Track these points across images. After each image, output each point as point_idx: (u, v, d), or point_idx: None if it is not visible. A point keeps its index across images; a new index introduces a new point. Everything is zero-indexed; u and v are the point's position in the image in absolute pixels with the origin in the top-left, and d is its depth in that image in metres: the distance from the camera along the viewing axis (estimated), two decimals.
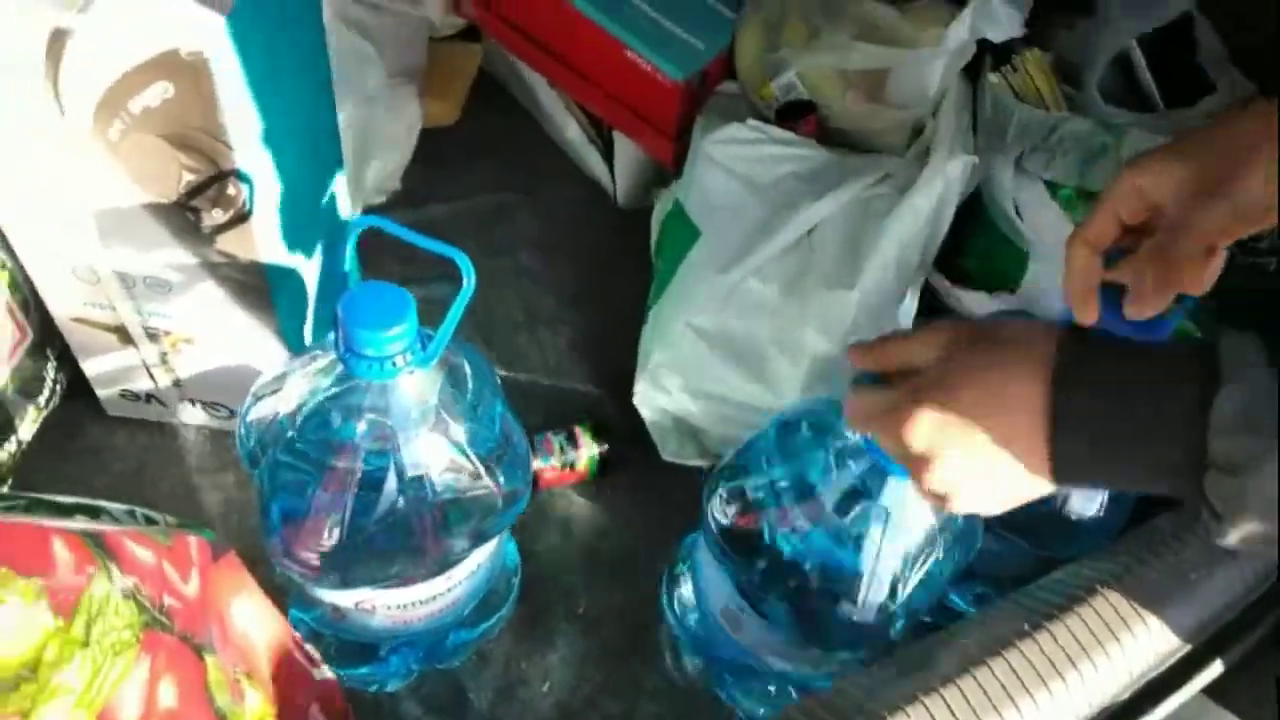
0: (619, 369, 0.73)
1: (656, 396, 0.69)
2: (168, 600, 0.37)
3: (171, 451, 0.70)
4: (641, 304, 0.74)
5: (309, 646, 0.50)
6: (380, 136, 0.78)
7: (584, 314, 0.80)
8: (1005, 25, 0.61)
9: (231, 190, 0.50)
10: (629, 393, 0.70)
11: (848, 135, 0.72)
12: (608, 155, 0.86)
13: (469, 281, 0.44)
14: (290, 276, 0.58)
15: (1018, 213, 0.66)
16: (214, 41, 0.43)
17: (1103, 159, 0.60)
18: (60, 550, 0.30)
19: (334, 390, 0.47)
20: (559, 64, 0.82)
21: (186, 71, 0.44)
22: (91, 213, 0.51)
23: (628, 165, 0.85)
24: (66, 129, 0.47)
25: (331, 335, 0.46)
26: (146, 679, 0.34)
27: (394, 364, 0.44)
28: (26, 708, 0.27)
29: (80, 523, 0.35)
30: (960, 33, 0.61)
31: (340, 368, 0.46)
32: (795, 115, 0.72)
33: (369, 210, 0.84)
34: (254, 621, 0.45)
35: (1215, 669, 0.43)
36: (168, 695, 0.36)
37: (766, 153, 0.68)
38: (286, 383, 0.50)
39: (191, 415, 0.69)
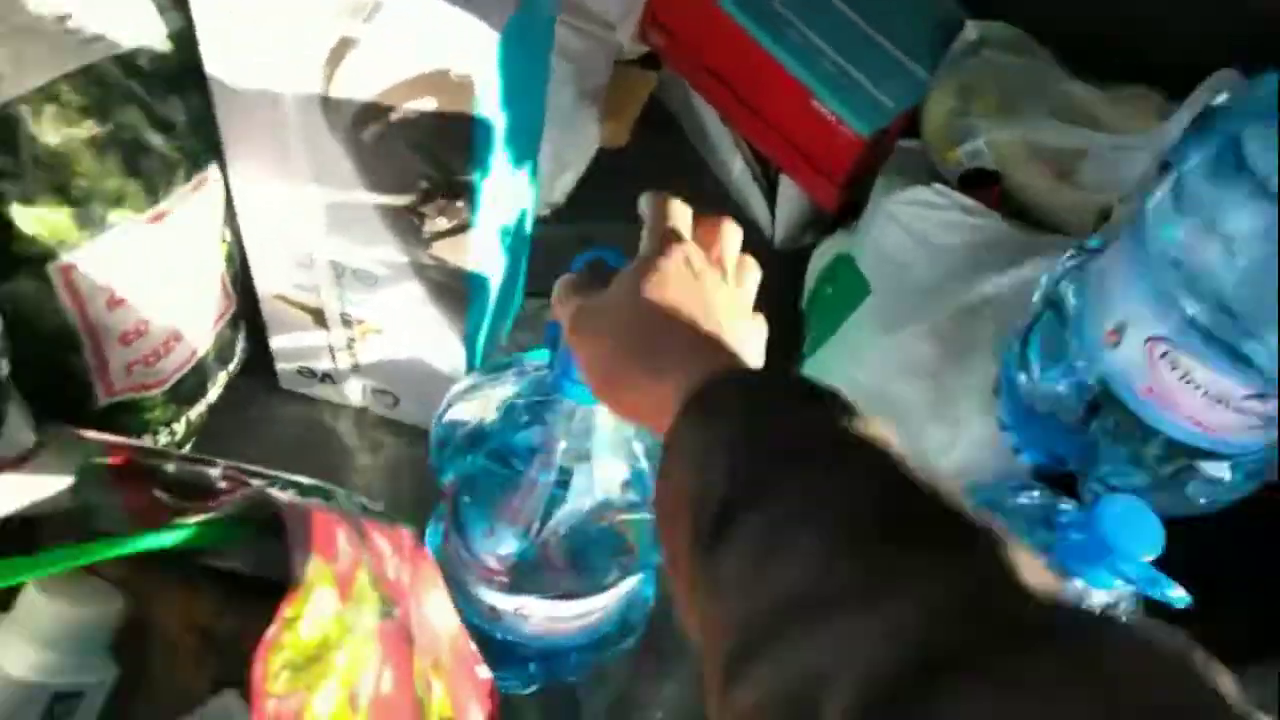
0: None
1: None
2: (394, 590, 0.39)
3: (330, 430, 0.74)
4: (782, 345, 0.75)
5: (473, 645, 0.52)
6: (563, 153, 0.80)
7: None
8: None
9: (460, 202, 0.52)
10: None
11: (1029, 212, 0.72)
12: (770, 196, 0.87)
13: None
14: (486, 284, 0.61)
15: None
16: (484, 65, 0.46)
17: None
18: (342, 540, 0.32)
19: (539, 406, 0.49)
20: (736, 100, 0.84)
21: (452, 90, 0.46)
22: (325, 204, 0.54)
23: (789, 209, 0.86)
24: (325, 127, 0.49)
25: (542, 352, 0.48)
26: (378, 664, 0.36)
27: None
28: (312, 684, 0.29)
29: (334, 508, 0.37)
30: (1174, 131, 0.61)
31: (548, 386, 0.48)
32: (979, 184, 0.72)
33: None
34: (440, 615, 0.47)
35: None
36: (387, 680, 0.37)
37: (951, 219, 0.68)
38: (481, 393, 0.52)
39: (357, 398, 0.72)
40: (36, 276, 0.49)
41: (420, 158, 0.50)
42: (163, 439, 0.62)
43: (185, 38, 0.50)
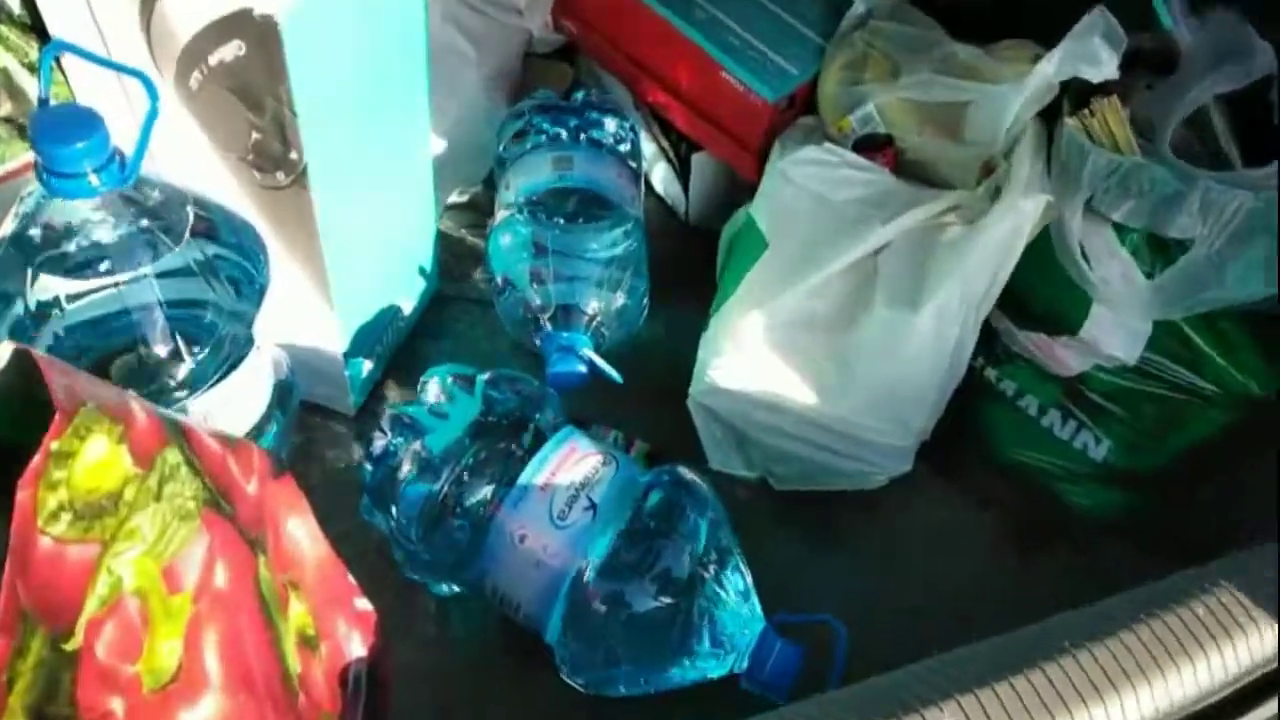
0: (676, 379, 0.74)
1: (710, 403, 0.71)
2: (229, 490, 0.39)
3: None
4: (703, 317, 0.76)
5: (351, 578, 0.52)
6: (472, 138, 0.82)
7: (647, 323, 0.82)
8: (1105, 64, 0.60)
9: (294, 155, 0.53)
10: (684, 402, 0.72)
11: (922, 170, 0.73)
12: (682, 173, 0.89)
13: (154, 105, 0.46)
14: (347, 258, 0.62)
15: (1084, 256, 0.66)
16: (284, 6, 0.46)
17: (1176, 205, 0.60)
18: (138, 410, 0.33)
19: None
20: (651, 81, 0.86)
21: (257, 31, 0.47)
22: (169, 159, 0.55)
23: (703, 185, 0.88)
24: (158, 77, 0.50)
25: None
26: (205, 554, 0.36)
27: (89, 182, 0.46)
28: (106, 539, 0.29)
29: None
30: (1047, 69, 0.63)
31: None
32: (872, 148, 0.74)
33: (450, 209, 0.88)
34: (305, 540, 0.47)
35: None
36: (221, 576, 0.37)
37: (841, 175, 0.70)
38: None
39: None
40: None
41: (245, 105, 0.51)
42: None
43: None
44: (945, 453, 0.73)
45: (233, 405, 0.60)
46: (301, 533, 0.47)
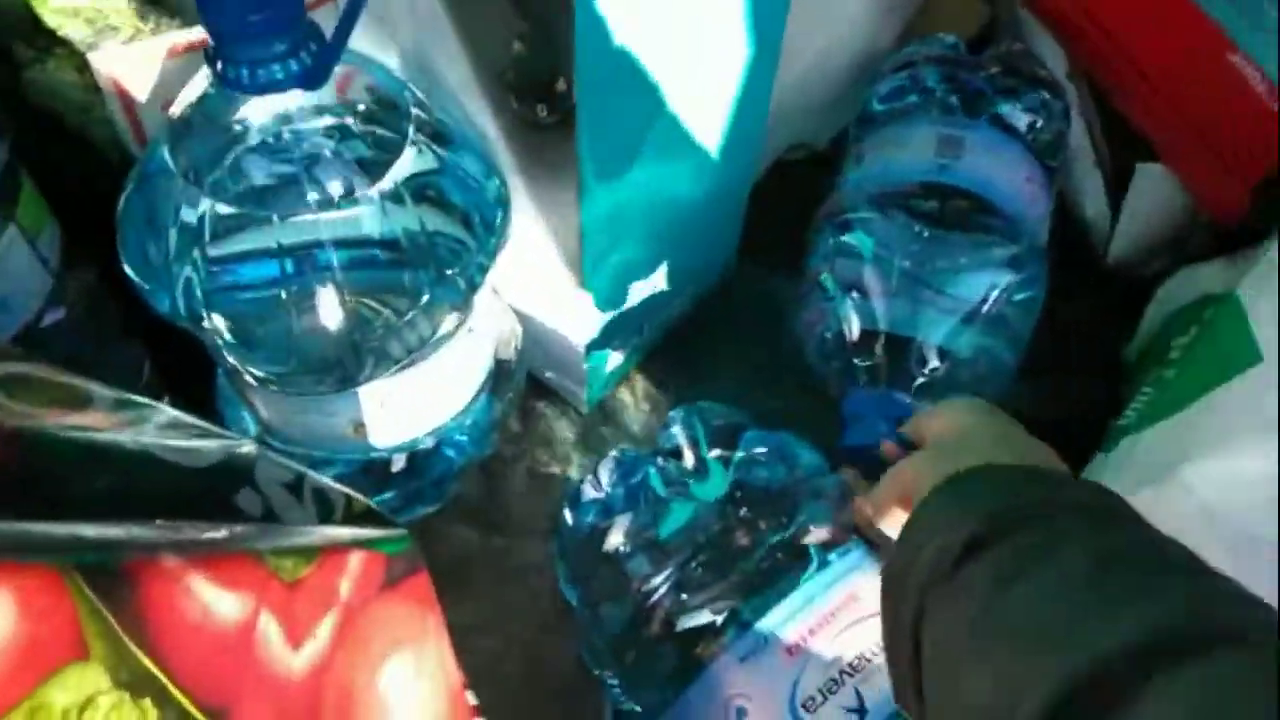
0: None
1: None
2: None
3: None
4: (1090, 397, 0.53)
5: (470, 695, 0.34)
6: (833, 82, 0.60)
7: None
8: None
9: (561, 85, 0.34)
10: None
11: None
12: (1115, 190, 0.61)
13: None
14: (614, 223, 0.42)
15: None
16: None
17: None
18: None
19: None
20: (1104, 41, 0.58)
21: None
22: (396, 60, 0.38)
23: (1140, 216, 0.60)
24: None
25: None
26: None
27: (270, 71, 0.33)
28: None
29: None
30: None
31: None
32: None
33: (774, 170, 0.67)
34: (408, 692, 0.29)
35: None
36: None
37: None
38: None
39: None
40: None
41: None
42: None
43: None
44: None
45: (423, 395, 0.44)
46: (405, 680, 0.29)
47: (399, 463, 0.48)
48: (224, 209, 0.35)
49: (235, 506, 0.25)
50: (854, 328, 0.51)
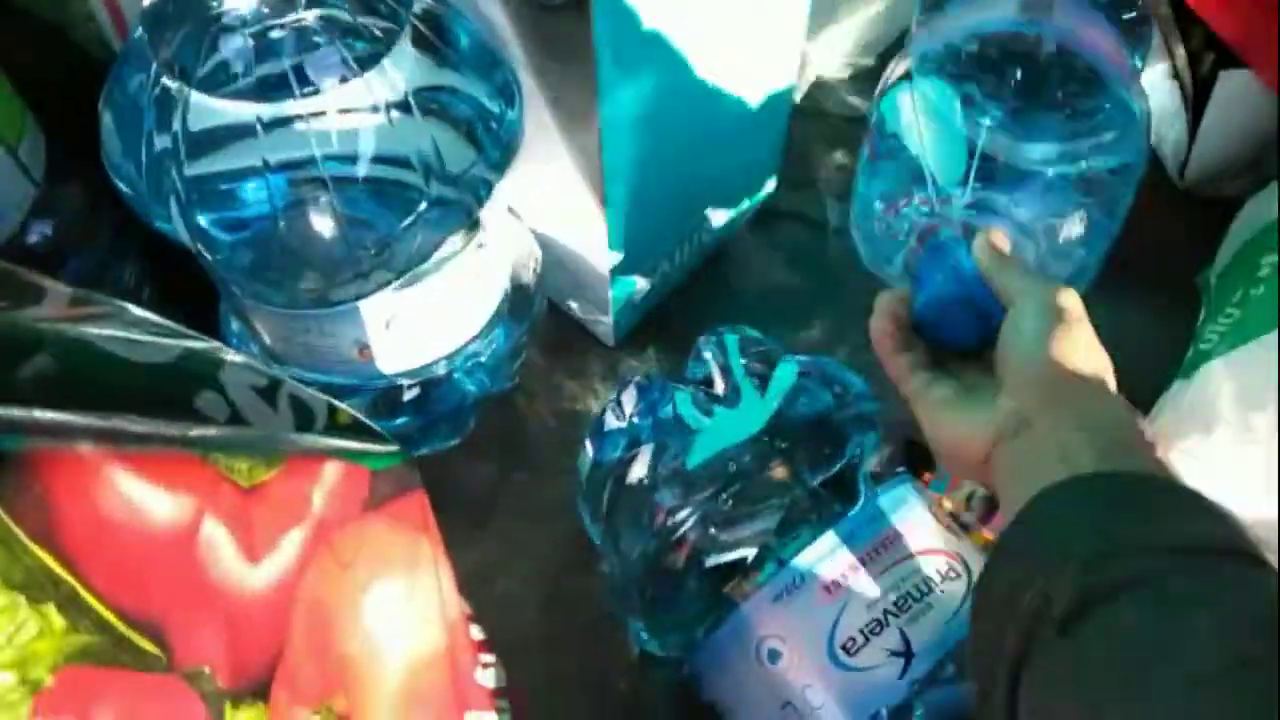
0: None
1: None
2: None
3: None
4: (1166, 319, 0.50)
5: (476, 629, 0.32)
6: None
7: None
8: None
9: None
10: None
11: None
12: (1195, 102, 0.56)
13: None
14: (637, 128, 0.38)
15: None
16: None
17: None
18: None
19: None
20: None
21: None
22: None
23: (1218, 135, 0.55)
24: None
25: None
26: None
27: None
28: None
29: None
30: None
31: None
32: None
33: (822, 83, 0.62)
34: (395, 619, 0.26)
35: None
36: None
37: None
38: None
39: None
40: None
41: None
42: None
43: None
44: None
45: (432, 316, 0.41)
46: (394, 605, 0.26)
47: (411, 391, 0.45)
48: (208, 103, 0.32)
49: (195, 409, 0.22)
50: (921, 213, 0.46)
